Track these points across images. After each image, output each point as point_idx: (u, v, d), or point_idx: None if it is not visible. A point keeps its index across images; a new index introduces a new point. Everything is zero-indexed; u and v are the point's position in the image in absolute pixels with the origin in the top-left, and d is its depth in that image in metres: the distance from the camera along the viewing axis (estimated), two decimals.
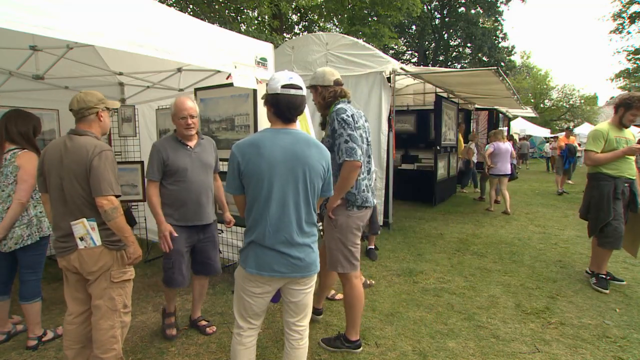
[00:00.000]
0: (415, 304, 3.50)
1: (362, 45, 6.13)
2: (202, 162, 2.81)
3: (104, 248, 2.15)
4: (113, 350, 2.20)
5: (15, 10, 1.96)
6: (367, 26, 14.97)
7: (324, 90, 2.64)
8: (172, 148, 2.74)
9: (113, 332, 2.20)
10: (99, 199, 2.06)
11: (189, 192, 2.74)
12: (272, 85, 1.86)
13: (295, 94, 1.85)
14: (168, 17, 2.77)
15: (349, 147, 2.39)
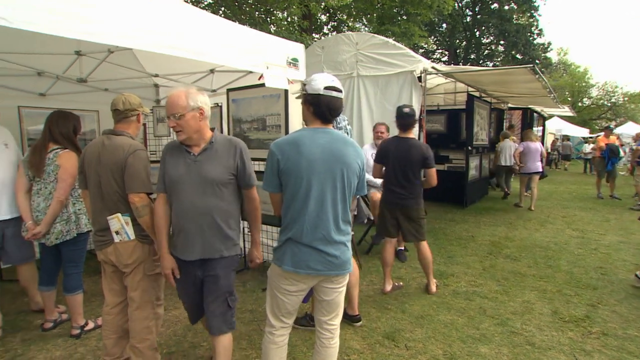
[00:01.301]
0: (445, 307, 3.43)
1: (392, 45, 6.07)
2: (201, 176, 1.99)
3: (137, 242, 2.25)
4: (147, 340, 2.29)
5: (62, 18, 2.07)
6: (396, 25, 14.80)
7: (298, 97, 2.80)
8: (173, 152, 2.08)
9: (147, 322, 2.30)
10: (132, 195, 2.16)
11: (176, 215, 2.04)
12: (314, 86, 1.89)
13: (336, 96, 1.90)
14: (201, 20, 2.84)
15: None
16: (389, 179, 3.63)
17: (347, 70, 6.36)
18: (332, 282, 1.97)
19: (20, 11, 1.93)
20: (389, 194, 3.64)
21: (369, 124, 6.19)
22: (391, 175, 3.60)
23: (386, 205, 3.69)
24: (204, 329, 3.05)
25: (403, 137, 3.61)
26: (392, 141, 3.67)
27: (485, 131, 8.97)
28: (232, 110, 4.12)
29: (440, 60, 28.08)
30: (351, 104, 6.35)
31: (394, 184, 3.59)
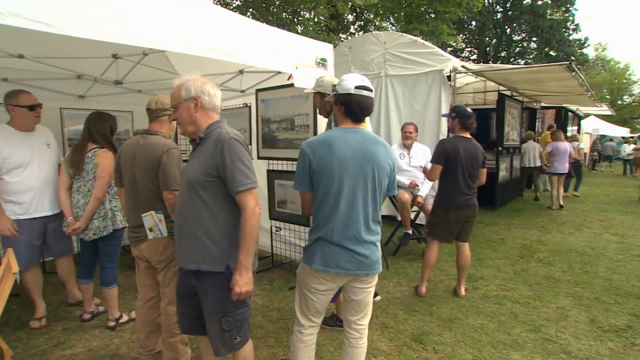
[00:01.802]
0: (475, 311, 3.35)
1: (421, 44, 5.99)
2: (184, 175, 1.89)
3: (170, 239, 2.31)
4: (178, 335, 2.35)
5: (101, 23, 2.16)
6: (424, 24, 14.57)
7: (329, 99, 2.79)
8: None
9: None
10: (166, 193, 2.23)
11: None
12: (344, 85, 1.90)
13: (367, 95, 1.90)
14: (232, 21, 2.89)
15: None
16: (455, 181, 3.45)
17: (375, 70, 6.32)
18: (362, 282, 1.97)
19: (63, 17, 2.03)
20: (458, 196, 3.47)
21: (396, 123, 6.14)
22: (459, 176, 3.44)
23: (452, 209, 3.49)
24: None
25: (466, 137, 3.51)
26: (457, 142, 3.48)
27: (517, 131, 8.70)
28: (261, 110, 4.17)
29: (469, 59, 27.43)
30: (379, 103, 6.30)
31: (462, 186, 3.46)
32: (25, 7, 1.91)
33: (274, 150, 4.07)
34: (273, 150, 4.08)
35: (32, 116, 2.96)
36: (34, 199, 2.96)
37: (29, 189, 2.94)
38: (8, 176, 2.85)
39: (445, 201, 3.53)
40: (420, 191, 4.66)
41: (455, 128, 3.56)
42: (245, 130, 4.45)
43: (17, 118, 2.92)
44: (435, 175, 3.51)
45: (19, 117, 2.91)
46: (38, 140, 3.03)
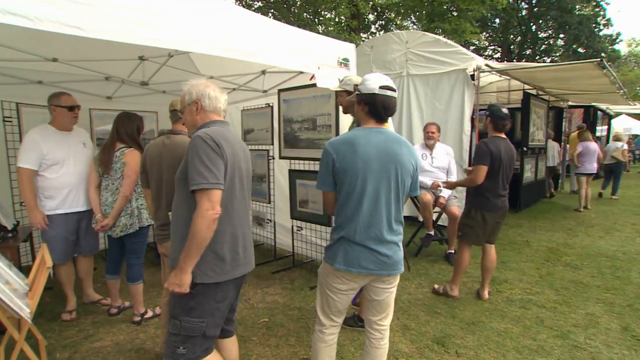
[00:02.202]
0: (499, 315, 3.28)
1: (444, 42, 5.91)
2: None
3: None
4: None
5: (129, 26, 2.22)
6: (446, 22, 14.35)
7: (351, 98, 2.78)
8: None
9: None
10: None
11: None
12: (368, 85, 1.90)
13: (391, 96, 1.90)
14: (254, 22, 2.92)
15: None
16: (495, 182, 3.34)
17: (397, 70, 6.27)
18: (384, 282, 1.96)
19: (95, 22, 2.10)
20: (496, 199, 3.38)
21: (419, 123, 6.07)
22: (498, 178, 3.34)
23: (490, 211, 3.39)
24: (255, 322, 3.17)
25: (502, 137, 3.41)
26: (498, 142, 3.35)
27: (542, 131, 8.47)
28: (283, 110, 4.20)
29: (493, 57, 26.82)
30: (400, 103, 6.25)
31: (501, 188, 3.38)
32: (61, 12, 1.99)
33: (295, 150, 4.10)
34: (295, 150, 4.10)
35: (70, 116, 3.12)
36: (69, 194, 3.10)
37: (65, 185, 3.07)
38: (47, 172, 3.01)
39: (484, 203, 3.40)
40: (443, 192, 4.60)
41: (489, 128, 3.47)
42: (267, 130, 4.49)
43: (58, 118, 3.09)
44: (481, 177, 3.32)
45: (59, 117, 3.08)
46: (75, 139, 3.19)
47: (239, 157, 1.82)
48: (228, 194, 1.76)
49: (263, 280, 4.06)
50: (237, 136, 1.94)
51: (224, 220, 1.75)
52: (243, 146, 1.93)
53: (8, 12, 1.78)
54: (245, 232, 1.89)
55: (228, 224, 1.78)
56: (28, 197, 2.94)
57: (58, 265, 3.15)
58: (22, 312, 2.18)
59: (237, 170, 1.80)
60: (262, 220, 4.84)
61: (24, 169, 2.92)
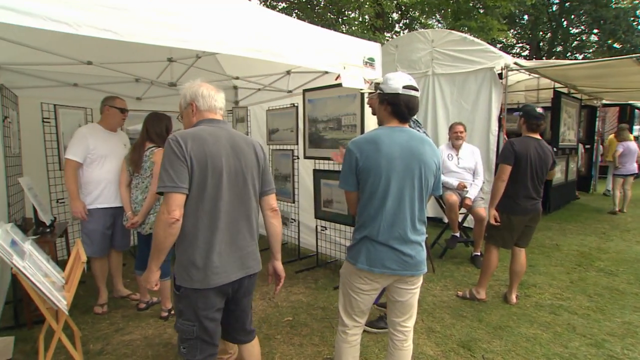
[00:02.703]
0: (527, 320, 3.19)
1: (471, 41, 5.79)
2: None
3: None
4: None
5: (159, 29, 2.28)
6: (473, 20, 14.03)
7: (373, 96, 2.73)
8: None
9: None
10: None
11: None
12: (392, 85, 1.89)
13: (414, 95, 1.90)
14: (280, 23, 2.95)
15: None
16: (523, 184, 3.25)
17: (422, 69, 6.19)
18: (406, 283, 1.94)
19: (128, 25, 2.17)
20: (525, 201, 3.27)
21: (444, 123, 5.97)
22: (527, 180, 3.24)
23: (517, 214, 3.30)
24: (279, 321, 3.20)
25: (535, 137, 3.31)
26: (527, 142, 3.26)
27: (574, 131, 8.17)
28: (308, 110, 4.22)
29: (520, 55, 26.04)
30: (426, 103, 6.16)
31: (530, 190, 3.26)
32: (98, 18, 2.06)
33: (320, 150, 4.11)
34: (320, 150, 4.12)
35: (120, 118, 3.38)
36: (104, 189, 3.25)
37: (103, 180, 3.25)
38: (90, 167, 3.22)
39: (511, 206, 3.30)
40: (469, 193, 4.51)
41: (522, 128, 3.38)
42: (292, 130, 4.52)
43: (109, 118, 3.33)
44: (505, 176, 3.26)
45: (110, 117, 3.33)
46: (118, 140, 3.41)
47: (217, 155, 1.70)
48: (196, 196, 1.68)
49: (287, 279, 4.03)
50: (229, 133, 1.83)
51: (193, 224, 1.69)
52: (235, 142, 1.80)
53: (51, 19, 1.87)
54: (226, 237, 1.75)
55: (198, 228, 1.70)
56: (72, 187, 3.15)
57: (94, 259, 3.30)
58: (59, 303, 2.28)
59: (213, 169, 1.69)
60: (286, 219, 4.88)
61: (70, 160, 3.14)
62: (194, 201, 1.68)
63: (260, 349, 2.12)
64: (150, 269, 1.77)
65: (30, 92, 4.03)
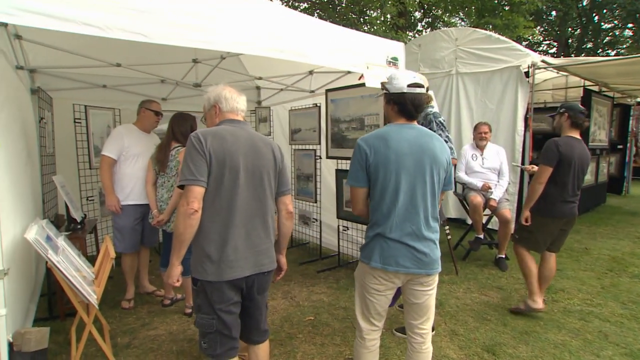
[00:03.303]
0: (555, 325, 3.10)
1: (496, 39, 5.66)
2: None
3: None
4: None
5: (185, 30, 2.33)
6: (498, 17, 13.71)
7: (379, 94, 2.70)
8: None
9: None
10: None
11: None
12: (396, 84, 1.90)
13: (420, 92, 1.90)
14: (303, 23, 2.96)
15: (449, 147, 2.48)
16: (564, 187, 3.09)
17: (446, 68, 6.09)
18: (422, 285, 1.92)
19: (156, 28, 2.23)
20: (563, 204, 3.11)
21: (468, 124, 5.87)
22: (567, 183, 3.08)
23: (554, 217, 3.14)
24: (301, 320, 3.21)
25: (577, 137, 3.17)
26: (572, 143, 3.10)
27: (605, 130, 7.88)
28: (330, 110, 4.23)
29: (547, 53, 25.27)
30: (449, 103, 6.07)
31: (569, 193, 3.11)
32: (128, 21, 2.13)
33: (343, 150, 4.10)
34: (342, 150, 4.11)
35: (154, 120, 3.57)
36: (136, 186, 3.38)
37: (134, 178, 3.38)
38: (124, 165, 3.37)
39: (548, 208, 3.13)
40: (494, 194, 4.41)
41: (564, 126, 3.19)
42: (315, 130, 4.53)
43: (144, 119, 3.53)
44: (544, 178, 3.10)
45: (145, 118, 3.52)
46: (150, 140, 3.55)
47: (235, 153, 1.78)
48: (213, 190, 1.74)
49: (308, 278, 4.11)
50: (248, 133, 1.91)
51: (209, 217, 1.75)
52: (254, 142, 1.88)
53: (85, 23, 1.94)
54: (241, 232, 1.81)
55: (214, 221, 1.76)
56: (107, 182, 3.32)
57: (125, 255, 3.44)
58: (90, 298, 2.36)
59: (231, 166, 1.76)
60: (308, 219, 4.90)
61: (106, 157, 3.31)
62: (211, 195, 1.75)
63: (269, 351, 2.12)
64: (172, 263, 1.84)
65: (63, 93, 4.20)
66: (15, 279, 2.26)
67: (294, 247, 5.18)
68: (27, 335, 2.03)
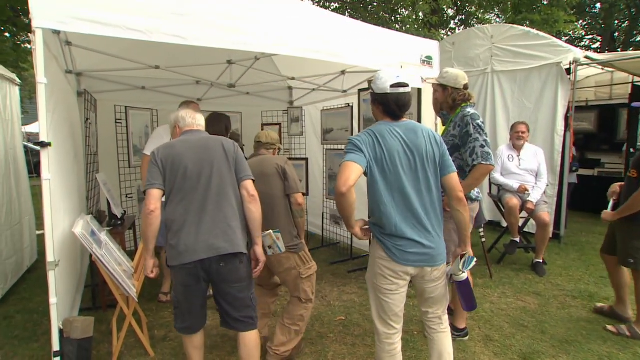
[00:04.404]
0: (599, 336, 2.95)
1: (535, 35, 5.44)
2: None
3: (288, 253, 2.49)
4: (297, 326, 2.54)
5: (221, 32, 2.40)
6: (536, 12, 13.18)
7: (454, 92, 2.64)
8: None
9: (303, 312, 2.56)
10: (297, 195, 2.49)
11: None
12: (379, 85, 1.91)
13: (404, 92, 1.89)
14: (337, 23, 2.97)
15: (485, 152, 2.45)
16: None
17: (480, 66, 5.93)
18: (432, 280, 1.97)
19: (193, 30, 2.30)
20: None
21: (504, 124, 5.69)
22: None
23: None
24: (332, 320, 3.22)
25: None
26: None
27: None
28: (363, 110, 4.21)
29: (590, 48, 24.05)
30: (484, 102, 5.90)
31: None
32: (168, 25, 2.21)
33: None
34: None
35: None
36: None
37: None
38: None
39: None
40: (531, 196, 4.25)
41: None
42: (347, 130, 4.52)
43: None
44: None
45: None
46: None
47: (181, 154, 2.04)
48: (170, 189, 2.05)
49: (339, 278, 4.12)
50: (199, 137, 2.18)
51: (170, 212, 2.04)
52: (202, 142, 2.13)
53: (129, 28, 2.04)
54: (195, 220, 2.00)
55: (175, 213, 2.03)
56: None
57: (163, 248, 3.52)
58: (130, 291, 2.47)
59: (179, 166, 2.03)
60: (339, 219, 4.90)
61: (147, 156, 3.39)
62: (169, 194, 2.06)
63: (257, 344, 2.19)
64: (144, 257, 2.16)
65: (105, 95, 4.41)
66: (64, 271, 2.40)
67: (324, 246, 5.21)
68: (75, 324, 2.15)
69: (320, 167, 5.26)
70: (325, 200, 5.11)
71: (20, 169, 4.19)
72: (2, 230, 3.58)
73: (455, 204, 1.97)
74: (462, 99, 2.64)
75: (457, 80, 2.63)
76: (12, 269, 3.76)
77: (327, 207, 5.11)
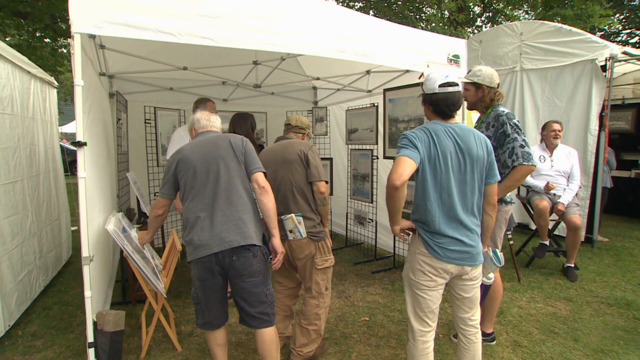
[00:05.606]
0: (637, 346, 2.81)
1: (567, 31, 5.25)
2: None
3: (308, 239, 2.48)
4: (315, 325, 2.53)
5: (249, 33, 2.43)
6: (567, 7, 12.69)
7: (490, 91, 2.60)
8: None
9: (317, 310, 2.53)
10: (320, 184, 2.46)
11: None
12: (429, 85, 1.93)
13: (453, 91, 1.90)
14: (363, 23, 2.95)
15: (526, 152, 2.41)
16: None
17: (509, 65, 5.77)
18: (470, 280, 1.98)
19: (221, 32, 2.34)
20: None
21: (533, 123, 5.52)
22: None
23: None
24: (355, 320, 3.21)
25: None
26: None
27: None
28: (388, 109, 4.17)
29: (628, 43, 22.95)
30: (512, 101, 5.74)
31: None
32: (197, 26, 2.26)
33: None
34: None
35: None
36: None
37: None
38: None
39: None
40: (562, 198, 4.10)
41: None
42: (372, 130, 4.50)
43: None
44: None
45: None
46: None
47: (191, 155, 2.13)
48: (183, 190, 2.15)
49: (363, 279, 4.10)
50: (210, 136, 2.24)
51: (186, 211, 2.13)
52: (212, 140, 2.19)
53: (159, 30, 2.10)
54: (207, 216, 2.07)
55: (188, 214, 2.11)
56: None
57: None
58: (159, 287, 2.54)
59: (189, 166, 2.12)
60: (363, 219, 4.88)
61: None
62: (183, 194, 2.16)
63: (273, 341, 2.19)
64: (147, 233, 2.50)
65: (135, 96, 4.55)
66: (98, 266, 2.49)
67: (348, 246, 5.20)
68: (107, 317, 2.23)
69: (344, 167, 5.25)
70: (350, 200, 5.09)
71: (58, 168, 4.42)
72: (44, 225, 3.76)
73: (488, 209, 2.03)
74: (497, 98, 2.60)
75: (492, 78, 2.58)
76: (52, 262, 3.96)
77: (351, 207, 5.10)
